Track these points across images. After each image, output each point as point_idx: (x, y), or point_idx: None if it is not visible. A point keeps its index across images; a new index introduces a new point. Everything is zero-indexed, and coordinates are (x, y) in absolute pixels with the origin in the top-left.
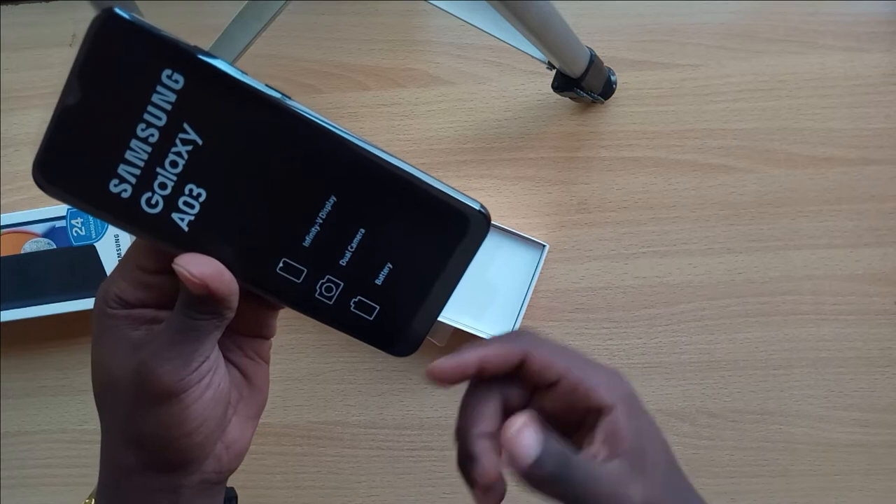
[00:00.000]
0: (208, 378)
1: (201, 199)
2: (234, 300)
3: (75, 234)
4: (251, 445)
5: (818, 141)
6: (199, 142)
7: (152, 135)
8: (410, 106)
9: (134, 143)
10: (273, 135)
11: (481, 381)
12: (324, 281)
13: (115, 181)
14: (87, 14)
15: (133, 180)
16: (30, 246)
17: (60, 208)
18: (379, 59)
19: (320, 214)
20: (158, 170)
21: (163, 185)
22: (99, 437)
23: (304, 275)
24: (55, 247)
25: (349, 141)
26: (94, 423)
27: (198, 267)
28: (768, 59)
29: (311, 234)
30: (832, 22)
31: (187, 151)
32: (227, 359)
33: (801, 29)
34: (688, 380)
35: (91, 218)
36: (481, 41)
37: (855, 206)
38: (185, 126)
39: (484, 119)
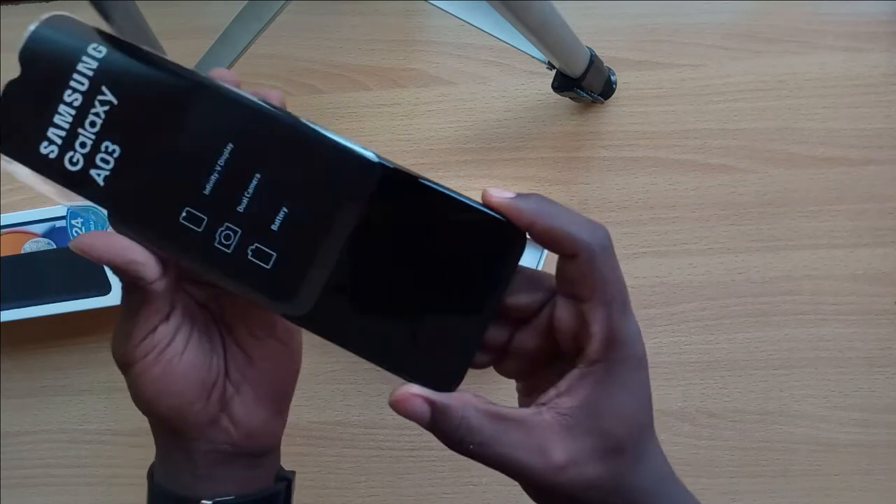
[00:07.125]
0: (160, 349)
1: (115, 155)
2: (143, 270)
3: (75, 234)
4: None
5: (818, 141)
6: (115, 102)
7: (76, 99)
8: (410, 106)
9: (62, 107)
10: (175, 94)
11: None
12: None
13: (45, 143)
14: (88, 14)
15: (59, 141)
16: (30, 246)
17: (60, 208)
18: (379, 59)
19: (219, 162)
20: (80, 130)
21: (83, 144)
22: (98, 438)
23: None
24: (55, 247)
25: (240, 95)
26: (94, 423)
27: (86, 239)
28: (768, 59)
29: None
30: (832, 22)
31: (105, 111)
32: (231, 337)
33: (801, 29)
34: (688, 380)
35: (91, 218)
36: (481, 41)
37: (855, 206)
38: (104, 89)
39: (484, 119)
